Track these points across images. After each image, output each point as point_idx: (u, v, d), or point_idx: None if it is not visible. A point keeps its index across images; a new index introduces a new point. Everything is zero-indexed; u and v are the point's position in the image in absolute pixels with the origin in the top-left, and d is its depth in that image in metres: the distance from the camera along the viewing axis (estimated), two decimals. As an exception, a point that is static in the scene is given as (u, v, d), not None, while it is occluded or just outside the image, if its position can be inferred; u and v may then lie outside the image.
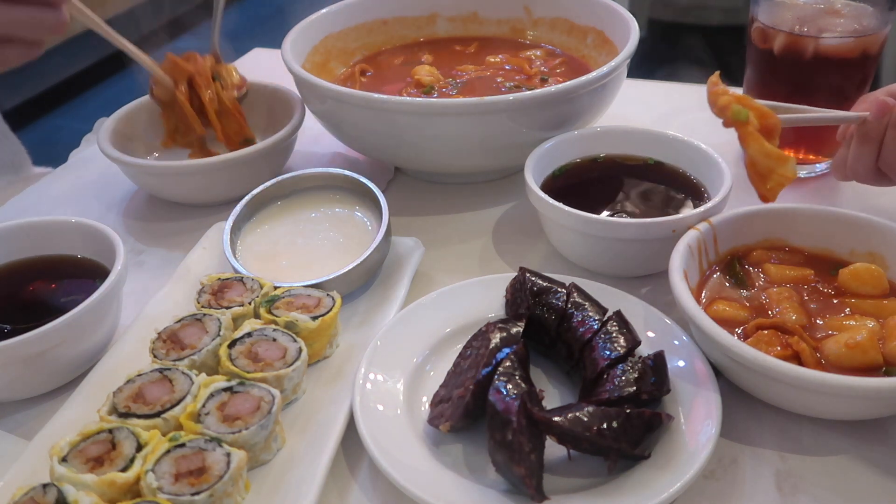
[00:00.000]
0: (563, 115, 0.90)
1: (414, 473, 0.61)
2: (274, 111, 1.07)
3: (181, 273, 0.84)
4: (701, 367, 0.67)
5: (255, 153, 0.95)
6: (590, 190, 0.89)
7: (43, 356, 0.69)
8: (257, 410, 0.63)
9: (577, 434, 0.59)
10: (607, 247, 0.80)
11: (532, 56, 1.12)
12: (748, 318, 0.70)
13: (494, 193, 0.99)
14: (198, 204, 1.00)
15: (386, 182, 1.02)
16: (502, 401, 0.60)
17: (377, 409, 0.66)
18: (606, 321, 0.70)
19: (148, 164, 0.97)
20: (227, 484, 0.58)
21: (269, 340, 0.70)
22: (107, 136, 0.99)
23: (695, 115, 1.17)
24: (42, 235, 0.82)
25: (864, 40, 0.88)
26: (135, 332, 0.76)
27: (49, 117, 3.40)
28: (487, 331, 0.68)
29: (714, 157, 0.85)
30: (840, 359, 0.65)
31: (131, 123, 1.05)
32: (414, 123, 0.88)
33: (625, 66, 0.94)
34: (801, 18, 0.90)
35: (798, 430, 0.67)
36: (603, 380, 0.65)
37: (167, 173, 0.96)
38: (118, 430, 0.61)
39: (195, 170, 0.95)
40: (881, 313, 0.69)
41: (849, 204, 0.94)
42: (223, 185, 0.97)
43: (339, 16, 1.12)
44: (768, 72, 0.94)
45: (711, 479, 0.63)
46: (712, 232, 0.75)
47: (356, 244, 0.84)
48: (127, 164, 0.96)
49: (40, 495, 0.56)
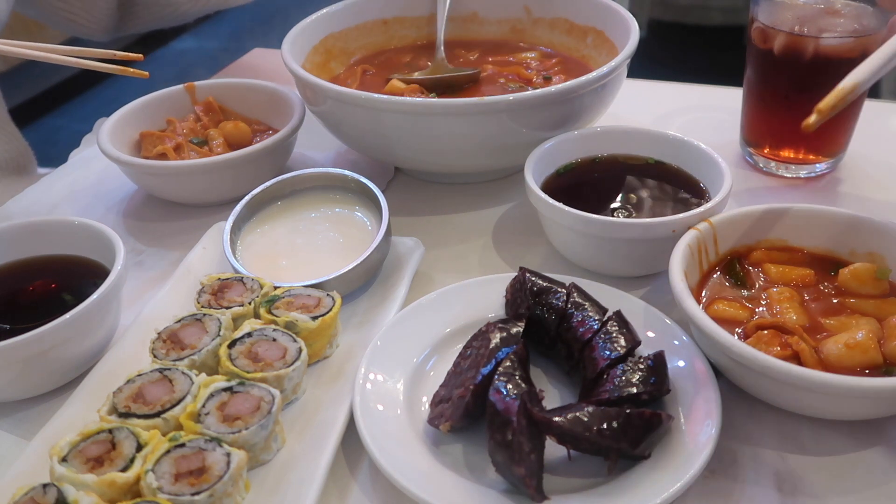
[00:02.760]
0: (563, 115, 0.90)
1: (414, 473, 0.61)
2: (273, 112, 1.07)
3: (181, 273, 0.84)
4: (701, 367, 0.67)
5: (256, 153, 0.95)
6: (590, 190, 0.89)
7: (43, 356, 0.69)
8: (257, 410, 0.63)
9: (577, 434, 0.59)
10: (607, 247, 0.80)
11: (527, 58, 1.12)
12: (748, 318, 0.70)
13: (494, 193, 0.99)
14: (198, 204, 1.00)
15: (386, 182, 1.02)
16: (502, 401, 0.60)
17: (377, 409, 0.66)
18: (606, 321, 0.70)
19: (148, 163, 0.97)
20: (227, 484, 0.58)
21: (269, 340, 0.70)
22: (107, 135, 0.99)
23: (695, 114, 1.17)
24: (42, 235, 0.82)
25: (863, 40, 0.88)
26: (135, 332, 0.76)
27: (49, 117, 3.40)
28: (487, 331, 0.68)
29: (714, 157, 0.85)
30: (840, 359, 0.65)
31: (131, 123, 1.05)
32: (414, 123, 0.88)
33: (625, 66, 0.94)
34: (801, 18, 0.90)
35: (798, 429, 0.67)
36: (603, 380, 0.65)
37: (167, 173, 0.96)
38: (118, 430, 0.61)
39: (195, 170, 0.95)
40: (881, 313, 0.69)
41: (849, 204, 0.94)
42: (223, 186, 0.97)
43: (340, 16, 1.12)
44: (768, 72, 0.94)
45: (711, 478, 0.63)
46: (712, 232, 0.75)
47: (356, 244, 0.84)
48: (127, 164, 0.96)
49: (40, 495, 0.56)
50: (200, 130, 1.05)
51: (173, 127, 1.05)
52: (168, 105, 1.08)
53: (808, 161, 0.98)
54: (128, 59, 0.96)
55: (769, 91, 0.96)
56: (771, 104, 0.97)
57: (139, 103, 1.07)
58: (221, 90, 1.10)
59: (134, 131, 1.04)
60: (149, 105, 1.07)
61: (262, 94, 1.09)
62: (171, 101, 1.08)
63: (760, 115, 0.99)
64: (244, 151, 0.95)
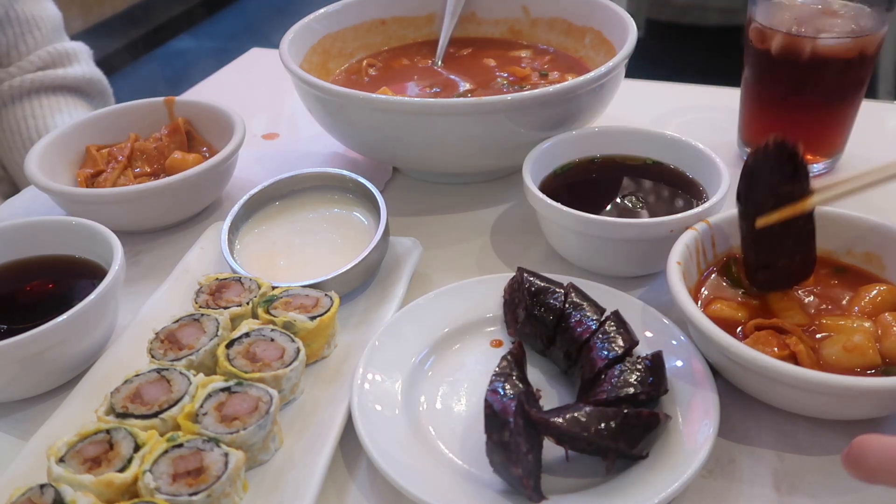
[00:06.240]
0: (561, 115, 0.90)
1: (412, 473, 0.61)
2: (211, 133, 1.02)
3: (179, 273, 0.84)
4: (699, 366, 0.67)
5: (190, 178, 0.89)
6: (588, 190, 0.89)
7: (40, 356, 0.69)
8: (255, 410, 0.63)
9: (574, 434, 0.59)
10: (605, 247, 0.80)
11: (522, 56, 1.12)
12: (746, 318, 0.70)
13: (493, 193, 0.99)
14: (127, 231, 0.91)
15: (384, 182, 1.02)
16: (499, 401, 0.60)
17: (375, 409, 0.66)
18: (604, 321, 0.70)
19: (60, 188, 0.89)
20: (225, 484, 0.58)
21: (267, 340, 0.70)
22: (51, 144, 0.95)
23: (693, 115, 1.17)
24: (39, 235, 0.82)
25: (861, 41, 0.88)
26: (132, 333, 0.76)
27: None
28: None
29: (712, 157, 0.85)
30: (840, 361, 0.65)
31: (87, 133, 1.00)
32: (412, 123, 0.88)
33: (623, 66, 0.94)
34: (798, 19, 0.90)
35: (796, 429, 0.67)
36: (601, 380, 0.65)
37: (90, 201, 0.89)
38: (116, 431, 0.61)
39: (118, 198, 0.89)
40: (875, 311, 0.69)
41: (846, 204, 0.94)
42: (148, 214, 0.92)
43: (338, 16, 1.12)
44: (766, 72, 0.94)
45: (709, 478, 0.63)
46: (710, 232, 0.75)
47: (354, 244, 0.84)
48: (36, 182, 0.89)
49: (38, 496, 0.56)
50: (154, 154, 0.99)
51: (121, 147, 0.99)
52: (141, 116, 1.03)
53: (806, 161, 0.98)
54: None
55: (767, 91, 0.96)
56: (769, 104, 0.97)
57: (103, 113, 1.02)
58: (195, 112, 1.04)
59: (90, 140, 1.00)
60: (122, 115, 1.03)
61: (225, 122, 0.99)
62: (148, 113, 1.03)
63: (758, 116, 0.99)
64: (172, 179, 0.89)
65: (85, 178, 0.96)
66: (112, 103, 1.40)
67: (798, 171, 0.69)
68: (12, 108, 1.29)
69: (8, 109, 1.29)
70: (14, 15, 1.27)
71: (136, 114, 1.04)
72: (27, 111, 1.28)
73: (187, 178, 0.89)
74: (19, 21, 1.28)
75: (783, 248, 0.70)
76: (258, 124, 1.20)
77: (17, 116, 1.28)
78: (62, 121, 1.27)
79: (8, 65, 1.29)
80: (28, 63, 1.29)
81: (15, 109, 1.29)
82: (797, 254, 0.71)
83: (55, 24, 1.35)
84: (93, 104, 1.37)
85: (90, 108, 1.35)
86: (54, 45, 1.32)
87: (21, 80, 1.28)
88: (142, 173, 0.98)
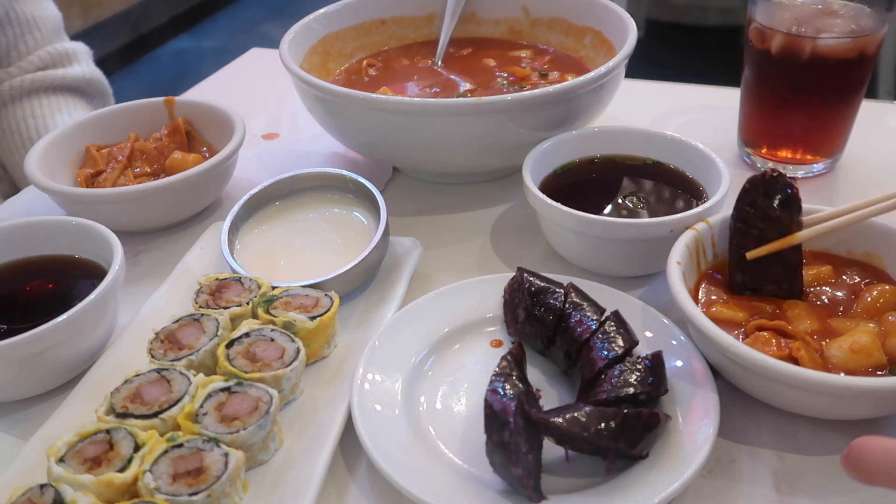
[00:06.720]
0: (561, 115, 0.90)
1: (412, 473, 0.61)
2: (211, 133, 1.01)
3: (179, 273, 0.84)
4: (699, 367, 0.67)
5: (190, 178, 0.89)
6: (588, 190, 0.89)
7: (40, 356, 0.69)
8: (255, 410, 0.63)
9: (574, 434, 0.59)
10: (605, 247, 0.80)
11: (522, 56, 1.12)
12: (746, 318, 0.70)
13: (493, 193, 0.99)
14: (127, 231, 0.91)
15: (384, 182, 1.02)
16: (499, 401, 0.60)
17: (375, 409, 0.66)
18: (604, 321, 0.70)
19: (72, 191, 0.90)
20: (225, 484, 0.58)
21: (267, 340, 0.70)
22: (52, 143, 0.94)
23: (693, 115, 1.17)
24: (39, 235, 0.82)
25: (861, 41, 0.88)
26: (132, 333, 0.76)
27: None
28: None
29: (712, 157, 0.85)
30: (846, 363, 0.64)
31: (88, 133, 0.99)
32: (412, 123, 0.88)
33: (623, 66, 0.94)
34: (798, 19, 0.90)
35: (796, 429, 0.67)
36: (601, 380, 0.65)
37: (92, 201, 0.89)
38: (116, 431, 0.61)
39: (118, 198, 0.89)
40: (878, 312, 0.69)
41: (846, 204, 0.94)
42: (148, 214, 0.92)
43: (338, 16, 1.12)
44: (766, 72, 0.94)
45: (709, 478, 0.63)
46: (710, 232, 0.75)
47: (354, 244, 0.84)
48: (36, 183, 0.89)
49: (37, 496, 0.56)
50: (154, 154, 0.99)
51: (121, 147, 0.99)
52: (141, 116, 1.03)
53: (805, 161, 0.98)
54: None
55: (767, 91, 0.96)
56: (769, 104, 0.97)
57: (103, 113, 1.02)
58: (195, 112, 1.03)
59: (90, 140, 1.00)
60: (122, 115, 1.02)
61: (225, 122, 0.99)
62: (148, 113, 1.03)
63: (758, 116, 0.99)
64: (176, 177, 0.89)
65: (85, 178, 0.96)
66: (112, 103, 1.40)
67: (791, 201, 0.71)
68: (12, 108, 1.29)
69: (8, 109, 1.29)
70: (14, 15, 1.27)
71: (136, 114, 1.04)
72: (27, 111, 1.28)
73: (187, 178, 0.89)
74: (19, 21, 1.28)
75: (770, 274, 0.72)
76: (258, 124, 1.20)
77: (17, 116, 1.28)
78: (62, 121, 1.28)
79: (8, 65, 1.29)
80: (28, 63, 1.29)
81: (15, 109, 1.29)
82: (784, 281, 0.72)
83: (55, 24, 1.35)
84: (93, 104, 1.37)
85: (90, 108, 1.35)
86: (54, 46, 1.32)
87: (21, 81, 1.28)
88: (142, 173, 0.98)
